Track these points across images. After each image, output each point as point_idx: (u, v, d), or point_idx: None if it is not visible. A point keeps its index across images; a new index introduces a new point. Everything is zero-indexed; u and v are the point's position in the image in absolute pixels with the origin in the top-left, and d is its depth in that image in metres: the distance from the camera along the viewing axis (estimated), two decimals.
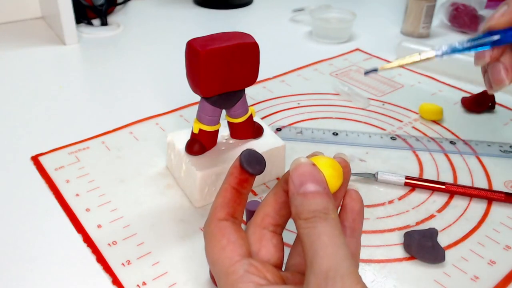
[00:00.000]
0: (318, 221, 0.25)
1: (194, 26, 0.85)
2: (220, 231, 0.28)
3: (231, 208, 0.29)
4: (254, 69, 0.42)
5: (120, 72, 0.68)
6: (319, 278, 0.23)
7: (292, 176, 0.27)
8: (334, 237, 0.24)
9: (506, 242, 0.41)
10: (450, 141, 0.54)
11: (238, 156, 0.30)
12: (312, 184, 0.26)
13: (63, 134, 0.53)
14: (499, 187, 0.48)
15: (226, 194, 0.30)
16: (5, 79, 0.65)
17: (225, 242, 0.28)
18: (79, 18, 0.80)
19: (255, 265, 0.27)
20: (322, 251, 0.24)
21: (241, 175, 0.30)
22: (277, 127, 0.55)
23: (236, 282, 0.26)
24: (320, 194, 0.26)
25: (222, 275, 0.27)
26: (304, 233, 0.25)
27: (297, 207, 0.26)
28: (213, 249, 0.28)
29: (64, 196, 0.44)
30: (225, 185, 0.30)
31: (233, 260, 0.27)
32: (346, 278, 0.23)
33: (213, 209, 0.30)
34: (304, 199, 0.26)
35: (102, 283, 0.36)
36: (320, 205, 0.25)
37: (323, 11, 0.83)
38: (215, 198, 0.30)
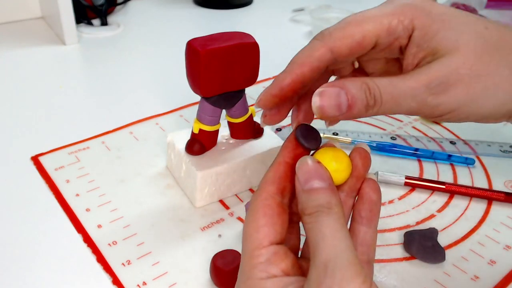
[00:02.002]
0: (320, 215, 0.25)
1: (194, 26, 0.85)
2: (263, 208, 0.27)
3: (281, 184, 0.28)
4: (254, 69, 0.42)
5: (120, 72, 0.68)
6: (319, 269, 0.23)
7: (297, 174, 0.27)
8: (335, 230, 0.24)
9: (506, 242, 0.41)
10: (450, 141, 0.54)
11: (293, 130, 0.29)
12: (317, 181, 0.26)
13: (63, 134, 0.53)
14: (499, 187, 0.48)
15: (279, 169, 0.28)
16: (5, 79, 0.65)
17: (263, 223, 0.27)
18: (79, 18, 0.80)
19: (279, 254, 0.26)
20: (323, 243, 0.24)
21: (296, 149, 0.29)
22: (277, 127, 0.55)
23: (254, 267, 0.26)
24: (323, 189, 0.26)
25: (247, 255, 0.27)
26: (308, 228, 0.25)
27: (302, 203, 0.26)
28: (249, 225, 0.27)
29: (64, 196, 0.44)
30: (278, 159, 0.29)
31: (262, 244, 0.26)
32: (346, 269, 0.23)
33: (264, 182, 0.28)
34: (308, 195, 0.26)
35: (102, 283, 0.36)
36: (323, 199, 0.25)
37: (323, 11, 0.83)
38: (267, 172, 0.29)
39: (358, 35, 0.28)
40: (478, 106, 0.27)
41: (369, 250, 0.29)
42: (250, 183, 0.46)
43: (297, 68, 0.28)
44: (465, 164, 0.50)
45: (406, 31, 0.28)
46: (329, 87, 0.26)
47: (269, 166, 0.46)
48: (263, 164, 0.46)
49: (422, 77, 0.26)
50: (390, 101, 0.26)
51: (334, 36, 0.28)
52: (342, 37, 0.28)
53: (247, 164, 0.44)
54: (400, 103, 0.26)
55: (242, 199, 0.45)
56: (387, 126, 0.57)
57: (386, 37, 0.28)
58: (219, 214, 0.43)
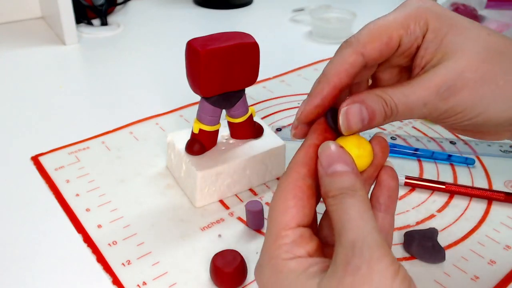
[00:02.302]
0: (345, 197, 0.25)
1: (194, 26, 0.85)
2: (294, 189, 0.27)
3: (312, 166, 0.28)
4: (254, 69, 0.42)
5: (120, 72, 0.68)
6: (347, 249, 0.23)
7: (320, 158, 0.27)
8: (361, 212, 0.24)
9: (506, 242, 0.41)
10: (450, 141, 0.54)
11: (324, 113, 0.29)
12: (340, 165, 0.26)
13: (63, 134, 0.53)
14: (499, 187, 0.48)
15: (309, 151, 0.28)
16: (5, 79, 0.65)
17: (291, 204, 0.27)
18: (79, 18, 0.80)
19: (304, 236, 0.27)
20: (349, 224, 0.24)
21: (325, 132, 0.29)
22: (277, 127, 0.55)
23: (279, 248, 0.26)
24: (347, 173, 0.26)
25: (273, 235, 0.27)
26: (332, 210, 0.26)
27: (325, 186, 0.26)
28: (277, 205, 0.27)
29: (64, 196, 0.44)
30: (308, 141, 0.29)
31: (289, 225, 0.27)
32: (374, 249, 0.23)
33: (294, 163, 0.28)
34: (332, 178, 0.26)
35: (102, 283, 0.36)
36: (348, 182, 0.26)
37: (323, 11, 0.83)
38: (296, 154, 0.29)
39: (385, 37, 0.29)
40: (482, 108, 0.28)
41: (387, 236, 0.30)
42: (250, 183, 0.46)
43: (334, 76, 0.29)
44: (465, 164, 0.50)
45: (421, 32, 0.29)
46: (351, 104, 0.27)
47: (269, 166, 0.47)
48: (263, 164, 0.46)
49: (431, 84, 0.28)
50: (405, 110, 0.28)
51: (362, 41, 0.29)
52: (371, 41, 0.29)
53: (247, 164, 0.44)
54: (413, 111, 0.28)
55: (242, 199, 0.45)
56: (387, 126, 0.57)
57: (407, 37, 0.29)
58: (219, 214, 0.43)
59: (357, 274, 0.23)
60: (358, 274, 0.23)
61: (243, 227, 0.42)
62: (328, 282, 0.24)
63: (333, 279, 0.24)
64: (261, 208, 0.41)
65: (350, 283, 0.23)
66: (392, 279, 0.22)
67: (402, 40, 0.29)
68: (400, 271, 0.23)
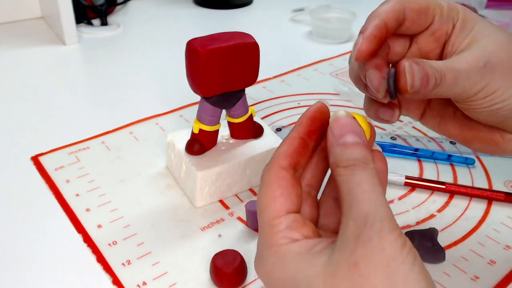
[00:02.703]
0: (357, 169, 0.25)
1: (194, 26, 0.85)
2: (278, 180, 0.28)
3: (294, 159, 0.28)
4: (254, 69, 0.42)
5: (120, 72, 0.68)
6: (359, 221, 0.24)
7: (332, 127, 0.27)
8: (373, 185, 0.25)
9: (506, 242, 0.41)
10: (450, 141, 0.54)
11: (310, 107, 0.30)
12: (352, 135, 0.26)
13: (63, 134, 0.53)
14: (499, 187, 0.48)
15: (293, 143, 0.29)
16: (5, 79, 0.65)
17: (279, 193, 0.27)
18: (79, 18, 0.80)
19: (298, 221, 0.27)
20: (362, 196, 0.24)
21: (311, 126, 0.29)
22: (277, 127, 0.55)
23: (275, 235, 0.26)
24: (360, 145, 0.26)
25: (266, 225, 0.27)
26: (342, 180, 0.25)
27: (335, 156, 0.26)
28: (265, 197, 0.28)
29: (64, 196, 0.44)
30: (292, 133, 0.29)
31: (280, 213, 0.27)
32: (385, 222, 0.23)
33: (276, 155, 0.29)
34: (344, 148, 0.26)
35: (102, 283, 0.36)
36: (360, 154, 0.26)
37: (323, 11, 0.83)
38: (280, 146, 0.29)
39: (424, 4, 0.31)
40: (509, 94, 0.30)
41: None
42: (250, 183, 0.46)
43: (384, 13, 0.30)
44: (465, 164, 0.50)
45: (453, 19, 0.32)
46: (412, 63, 0.29)
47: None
48: (263, 164, 0.45)
49: (470, 58, 0.30)
50: (452, 81, 0.29)
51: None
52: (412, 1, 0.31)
53: (247, 164, 0.44)
54: (457, 83, 0.29)
55: (242, 199, 0.45)
56: (387, 126, 0.57)
57: (441, 18, 0.32)
58: (219, 214, 0.43)
59: (368, 245, 0.23)
60: (369, 245, 0.23)
61: (243, 227, 0.42)
62: (339, 255, 0.24)
63: (344, 251, 0.24)
64: None
65: (362, 254, 0.23)
66: (401, 249, 0.23)
67: (435, 18, 0.32)
68: (407, 243, 0.23)
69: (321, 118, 0.29)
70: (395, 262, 0.23)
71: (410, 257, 0.23)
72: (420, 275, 0.23)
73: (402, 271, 0.22)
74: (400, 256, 0.23)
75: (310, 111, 0.29)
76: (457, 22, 0.32)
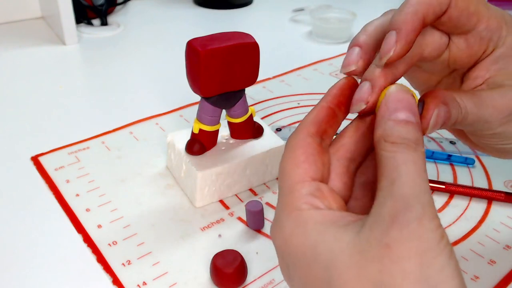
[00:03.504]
0: (407, 149, 0.23)
1: (194, 26, 0.85)
2: (304, 146, 0.26)
3: (322, 127, 0.27)
4: (254, 69, 0.42)
5: (120, 72, 0.68)
6: (398, 202, 0.22)
7: (387, 99, 0.25)
8: (420, 169, 0.23)
9: (506, 241, 0.41)
10: (450, 141, 0.54)
11: (340, 80, 0.29)
12: (408, 113, 0.24)
13: (63, 134, 0.53)
14: (499, 187, 0.48)
15: (321, 111, 0.27)
16: (5, 79, 0.65)
17: (303, 158, 0.26)
18: (79, 18, 0.80)
19: (322, 191, 0.25)
20: (407, 177, 0.22)
21: (341, 96, 0.28)
22: (277, 127, 0.55)
23: (296, 200, 0.25)
24: (413, 124, 0.24)
25: (287, 190, 0.25)
26: (388, 156, 0.23)
27: (385, 130, 0.24)
28: (288, 161, 0.26)
29: (64, 196, 0.44)
30: (321, 103, 0.28)
31: (303, 179, 0.25)
32: (427, 209, 0.21)
33: (304, 122, 0.27)
34: (395, 124, 0.24)
35: (102, 283, 0.36)
36: (412, 134, 0.24)
37: (323, 11, 0.83)
38: (308, 114, 0.27)
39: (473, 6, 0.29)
40: None
41: None
42: (250, 183, 0.46)
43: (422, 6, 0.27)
44: (465, 164, 0.50)
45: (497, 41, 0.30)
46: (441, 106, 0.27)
47: (269, 166, 0.47)
48: (263, 164, 0.46)
49: (498, 103, 0.28)
50: (471, 121, 0.28)
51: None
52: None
53: (247, 164, 0.44)
54: (475, 124, 0.29)
55: (242, 199, 0.45)
56: None
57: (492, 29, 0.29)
58: (219, 214, 0.43)
59: (405, 229, 0.21)
60: (407, 229, 0.21)
61: (243, 227, 0.42)
62: (370, 233, 0.22)
63: (376, 230, 0.22)
64: (261, 208, 0.41)
65: (397, 236, 0.21)
66: (439, 240, 0.21)
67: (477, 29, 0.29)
68: (445, 236, 0.22)
69: (350, 90, 0.28)
70: (431, 252, 0.21)
71: (447, 250, 0.21)
72: (455, 272, 0.21)
73: (438, 264, 0.21)
74: (438, 247, 0.21)
75: (340, 83, 0.28)
76: (501, 47, 0.29)
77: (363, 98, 0.26)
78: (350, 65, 0.28)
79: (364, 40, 0.28)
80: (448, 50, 0.30)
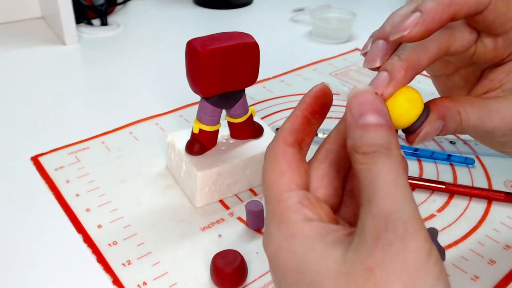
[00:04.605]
0: (379, 157, 0.22)
1: (194, 26, 0.85)
2: (284, 155, 0.25)
3: (299, 135, 0.26)
4: (254, 69, 0.42)
5: (120, 72, 0.68)
6: (378, 220, 0.21)
7: (350, 105, 0.24)
8: (396, 176, 0.22)
9: (506, 241, 0.41)
10: (450, 141, 0.54)
11: (314, 87, 0.28)
12: (374, 116, 0.23)
13: (63, 134, 0.53)
14: (499, 187, 0.48)
15: (297, 121, 0.27)
16: (5, 79, 0.65)
17: (286, 167, 0.25)
18: (79, 18, 0.80)
19: (310, 199, 0.24)
20: (383, 191, 0.21)
21: (315, 104, 0.27)
22: (277, 127, 0.55)
23: (285, 210, 0.24)
24: (382, 126, 0.23)
25: (274, 200, 0.25)
26: (361, 168, 0.22)
27: (355, 139, 0.23)
28: (271, 172, 0.25)
29: (64, 196, 0.44)
30: (296, 111, 0.27)
31: (289, 187, 0.25)
32: (409, 224, 0.21)
33: (281, 132, 0.27)
34: (363, 131, 0.23)
35: (103, 283, 0.36)
36: (382, 139, 0.22)
37: (323, 11, 0.83)
38: (284, 123, 0.27)
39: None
40: None
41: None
42: (250, 183, 0.46)
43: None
44: (464, 164, 0.50)
45: None
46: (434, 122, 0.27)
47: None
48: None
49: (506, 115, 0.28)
50: (473, 131, 0.28)
51: None
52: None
53: (247, 164, 0.44)
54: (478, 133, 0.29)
55: (242, 199, 0.45)
56: None
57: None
58: (219, 214, 0.43)
59: (388, 250, 0.20)
60: (390, 250, 0.20)
61: (243, 227, 0.42)
62: (354, 255, 0.21)
63: (361, 252, 0.21)
64: (261, 208, 0.41)
65: (381, 259, 0.20)
66: (426, 259, 0.20)
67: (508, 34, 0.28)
68: (433, 250, 0.21)
69: (324, 98, 0.27)
70: (418, 273, 0.20)
71: (435, 270, 0.20)
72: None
73: (425, 285, 0.20)
74: (425, 267, 0.20)
75: (313, 91, 0.27)
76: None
77: (377, 88, 0.25)
78: (375, 61, 0.27)
79: (389, 31, 0.26)
80: (474, 46, 0.29)
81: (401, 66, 0.25)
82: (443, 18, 0.25)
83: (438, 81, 0.34)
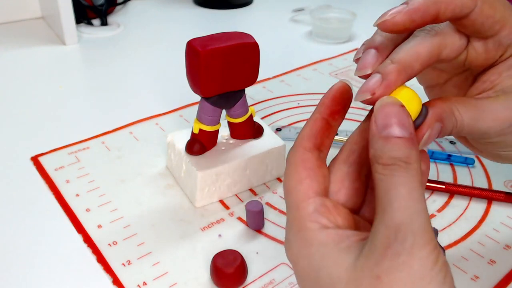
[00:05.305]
0: (397, 170, 0.23)
1: (194, 26, 0.85)
2: (303, 162, 0.26)
3: (318, 139, 0.27)
4: (254, 69, 0.42)
5: (120, 72, 0.68)
6: (390, 230, 0.22)
7: (376, 115, 0.25)
8: (412, 190, 0.23)
9: (506, 241, 0.41)
10: (450, 141, 0.54)
11: (332, 86, 0.28)
12: (398, 128, 0.24)
13: (63, 134, 0.53)
14: (499, 187, 0.48)
15: (315, 124, 0.27)
16: (5, 79, 0.65)
17: (305, 175, 0.26)
18: (79, 18, 0.80)
19: (327, 206, 0.26)
20: (397, 203, 0.22)
21: (333, 106, 0.28)
22: (277, 127, 0.55)
23: (303, 218, 0.25)
24: (404, 140, 0.24)
25: (293, 207, 0.26)
26: (380, 178, 0.23)
27: (376, 150, 0.24)
28: (291, 179, 0.27)
29: (64, 196, 0.44)
30: (315, 115, 0.28)
31: (307, 195, 0.26)
32: (418, 235, 0.22)
33: (300, 138, 0.27)
34: (385, 143, 0.24)
35: (103, 283, 0.37)
36: (403, 152, 0.23)
37: (323, 11, 0.83)
38: (303, 128, 0.28)
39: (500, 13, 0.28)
40: None
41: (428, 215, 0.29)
42: (250, 183, 0.46)
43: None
44: (464, 164, 0.50)
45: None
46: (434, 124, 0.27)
47: (269, 166, 0.47)
48: (263, 164, 0.46)
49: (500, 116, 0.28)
50: (467, 132, 0.28)
51: None
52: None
53: (247, 164, 0.44)
54: (473, 134, 0.29)
55: (242, 199, 0.45)
56: None
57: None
58: (219, 214, 0.43)
59: (396, 260, 0.22)
60: (398, 260, 0.21)
61: (243, 227, 0.42)
62: (364, 262, 0.23)
63: (370, 260, 0.22)
64: (261, 208, 0.41)
65: (388, 267, 0.22)
66: (431, 267, 0.21)
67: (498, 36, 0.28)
68: (439, 259, 0.22)
69: (343, 98, 0.28)
70: (422, 280, 0.21)
71: (440, 276, 0.21)
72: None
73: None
74: (429, 274, 0.21)
75: (332, 91, 0.28)
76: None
77: (369, 88, 0.26)
78: (365, 68, 0.27)
79: (381, 41, 0.28)
80: (465, 51, 0.29)
81: (393, 68, 0.26)
82: (427, 11, 0.25)
83: (431, 91, 0.35)
